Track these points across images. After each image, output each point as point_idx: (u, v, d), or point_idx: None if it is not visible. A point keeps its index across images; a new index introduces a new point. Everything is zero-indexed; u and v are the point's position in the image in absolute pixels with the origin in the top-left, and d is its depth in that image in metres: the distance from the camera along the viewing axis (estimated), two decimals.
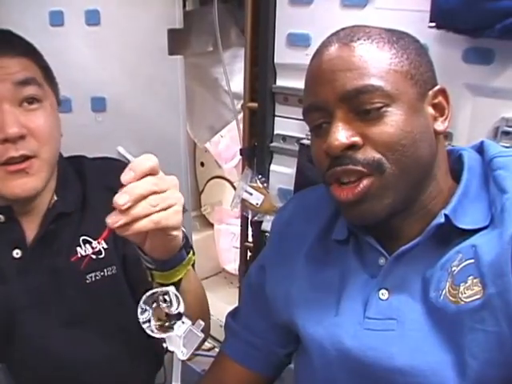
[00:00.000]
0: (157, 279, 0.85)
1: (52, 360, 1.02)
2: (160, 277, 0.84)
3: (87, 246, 1.01)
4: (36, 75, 0.96)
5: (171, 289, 0.74)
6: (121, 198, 0.70)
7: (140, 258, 0.85)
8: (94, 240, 1.01)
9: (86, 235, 1.02)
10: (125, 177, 0.71)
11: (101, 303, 1.01)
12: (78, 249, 1.01)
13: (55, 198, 1.03)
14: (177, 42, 1.41)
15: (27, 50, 0.98)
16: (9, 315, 0.99)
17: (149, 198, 0.71)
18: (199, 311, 0.86)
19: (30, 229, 1.01)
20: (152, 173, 0.72)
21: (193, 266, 0.90)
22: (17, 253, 1.00)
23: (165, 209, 0.73)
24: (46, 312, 1.01)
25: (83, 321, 1.02)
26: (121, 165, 0.81)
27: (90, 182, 1.06)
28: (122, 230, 0.71)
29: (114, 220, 0.70)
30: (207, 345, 1.93)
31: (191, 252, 0.88)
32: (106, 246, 1.02)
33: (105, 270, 1.01)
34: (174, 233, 0.77)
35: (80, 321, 1.02)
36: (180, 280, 0.85)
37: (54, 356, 1.02)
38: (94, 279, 1.01)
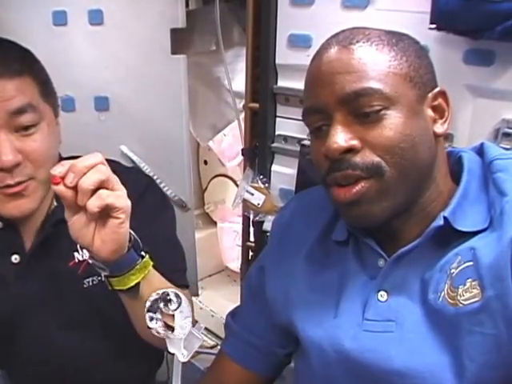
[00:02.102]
0: (115, 286, 0.85)
1: (52, 363, 1.03)
2: (117, 283, 0.84)
3: (84, 250, 1.00)
4: (32, 97, 0.94)
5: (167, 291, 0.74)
6: (68, 177, 0.73)
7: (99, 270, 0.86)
8: None
9: None
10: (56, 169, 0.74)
11: (99, 307, 1.02)
12: (76, 254, 1.01)
13: (55, 203, 1.03)
14: (179, 41, 1.41)
15: (24, 66, 0.94)
16: (9, 319, 1.00)
17: (96, 168, 0.74)
18: None
19: (29, 234, 1.02)
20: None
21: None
22: (15, 258, 1.00)
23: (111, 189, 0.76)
24: (46, 316, 1.01)
25: (82, 324, 1.03)
26: (118, 167, 0.81)
27: None
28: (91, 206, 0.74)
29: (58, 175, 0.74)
30: (210, 342, 1.93)
31: (147, 256, 0.86)
32: None
33: (102, 275, 1.01)
34: (122, 215, 0.77)
35: (79, 324, 1.03)
36: (137, 285, 0.85)
37: (54, 359, 1.02)
38: (91, 284, 1.02)
